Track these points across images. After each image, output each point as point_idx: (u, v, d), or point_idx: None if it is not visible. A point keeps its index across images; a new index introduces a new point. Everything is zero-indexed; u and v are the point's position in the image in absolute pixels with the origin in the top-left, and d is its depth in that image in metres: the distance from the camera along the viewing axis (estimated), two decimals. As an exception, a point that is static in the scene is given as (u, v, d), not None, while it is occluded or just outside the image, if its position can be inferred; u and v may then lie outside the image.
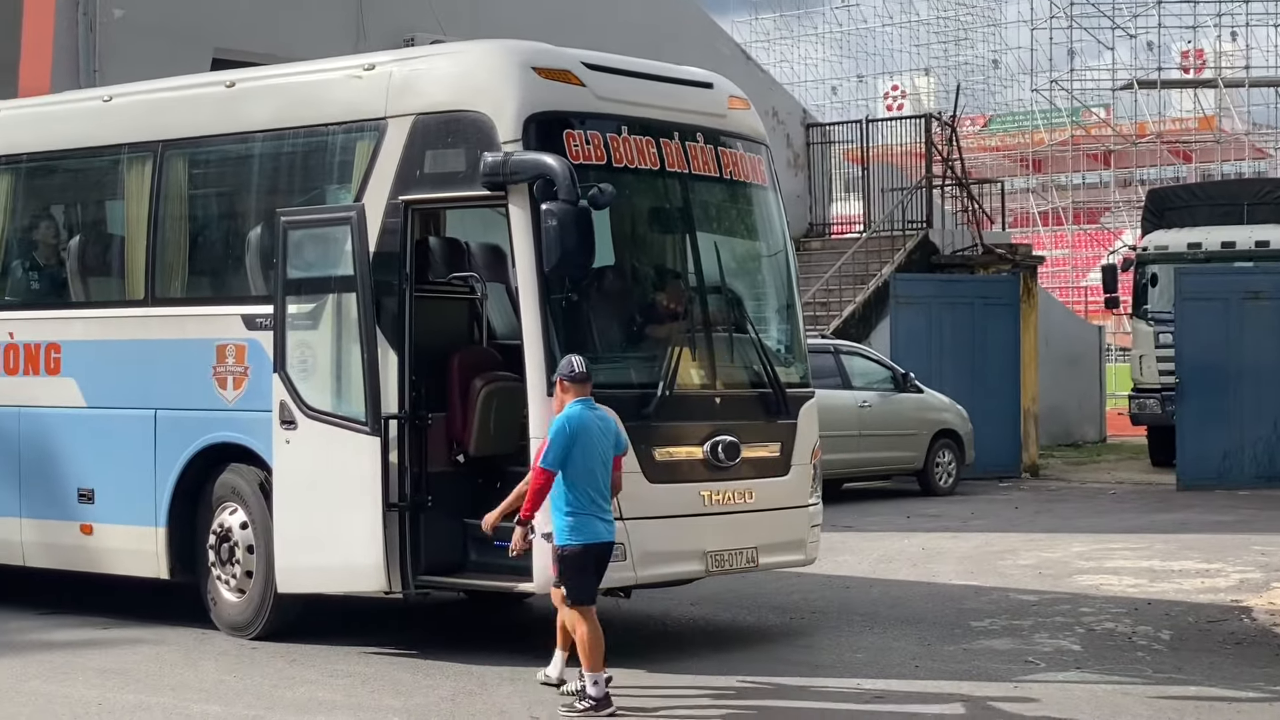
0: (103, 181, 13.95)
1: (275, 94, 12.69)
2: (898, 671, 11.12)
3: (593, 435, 9.92)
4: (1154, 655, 11.77)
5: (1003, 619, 13.19)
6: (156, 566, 12.76)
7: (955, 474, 24.48)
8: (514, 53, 11.48)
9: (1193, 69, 63.71)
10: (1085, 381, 34.37)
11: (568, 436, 9.83)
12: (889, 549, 17.68)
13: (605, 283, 11.71)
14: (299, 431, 11.67)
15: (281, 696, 10.50)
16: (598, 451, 9.93)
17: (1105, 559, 16.84)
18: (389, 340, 11.38)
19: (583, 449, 9.86)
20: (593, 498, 9.91)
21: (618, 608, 13.08)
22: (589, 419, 9.94)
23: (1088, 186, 69.83)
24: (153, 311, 12.96)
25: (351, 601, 12.53)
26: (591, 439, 9.91)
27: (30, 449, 13.56)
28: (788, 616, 13.40)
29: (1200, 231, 28.67)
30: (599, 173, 11.19)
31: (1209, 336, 24.79)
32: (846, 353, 23.87)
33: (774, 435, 12.02)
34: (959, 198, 31.42)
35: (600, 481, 9.95)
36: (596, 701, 9.79)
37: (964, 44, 71.78)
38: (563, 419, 9.93)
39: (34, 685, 10.92)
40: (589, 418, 9.95)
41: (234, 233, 12.91)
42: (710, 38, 31.68)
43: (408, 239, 11.50)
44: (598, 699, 9.80)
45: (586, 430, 9.89)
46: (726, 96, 12.50)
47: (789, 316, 12.81)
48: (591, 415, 9.98)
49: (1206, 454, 24.76)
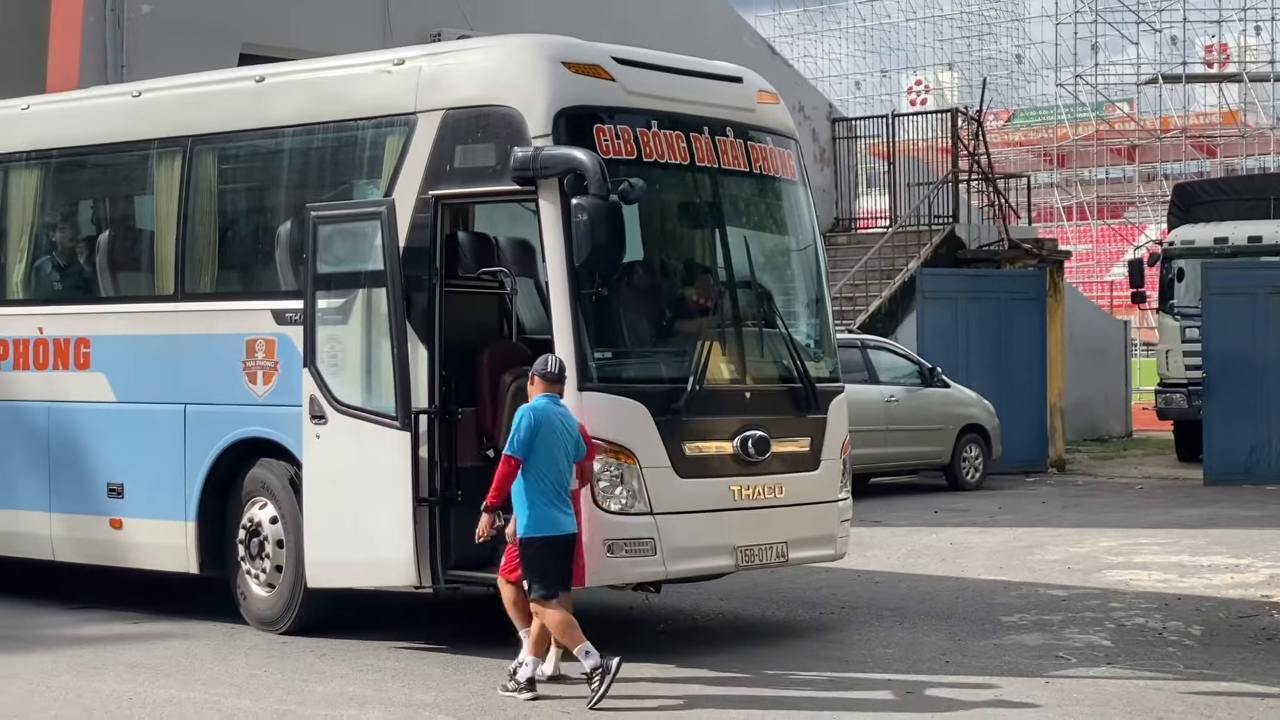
0: (132, 177, 13.97)
1: (305, 89, 12.69)
2: (929, 667, 11.10)
3: (555, 428, 10.11)
4: (1185, 651, 11.73)
5: (1033, 614, 13.16)
6: (186, 561, 12.78)
7: (982, 469, 24.46)
8: (544, 47, 11.46)
9: (1217, 63, 63.48)
10: (1111, 376, 34.30)
11: (531, 425, 10.04)
12: (917, 544, 17.66)
13: (635, 278, 11.70)
14: (329, 426, 11.68)
15: (312, 691, 10.51)
16: (560, 444, 10.12)
17: (1134, 554, 16.80)
18: (419, 335, 11.38)
19: (545, 440, 10.06)
20: (555, 489, 10.09)
21: (647, 602, 13.10)
22: (552, 412, 10.16)
23: (1111, 181, 69.77)
24: (182, 306, 12.97)
25: (381, 595, 12.54)
26: (554, 432, 10.10)
27: (60, 444, 13.59)
28: (817, 611, 13.38)
29: (1227, 226, 28.59)
30: (629, 167, 11.18)
31: (1236, 331, 24.72)
32: (873, 347, 23.85)
33: (804, 430, 12.00)
34: (985, 192, 31.36)
35: (562, 474, 10.14)
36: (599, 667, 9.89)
37: (987, 39, 71.71)
38: (528, 409, 10.18)
39: (65, 680, 10.95)
40: (553, 411, 10.17)
41: (263, 228, 12.92)
42: (735, 32, 31.65)
43: (438, 234, 11.50)
44: (595, 667, 9.91)
45: (549, 422, 10.10)
46: (756, 91, 12.47)
47: (819, 311, 12.78)
48: (555, 410, 10.19)
49: (1233, 449, 24.69)
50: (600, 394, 10.90)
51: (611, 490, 10.86)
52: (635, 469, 10.92)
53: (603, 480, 10.82)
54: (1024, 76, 72.55)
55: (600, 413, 10.84)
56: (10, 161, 14.39)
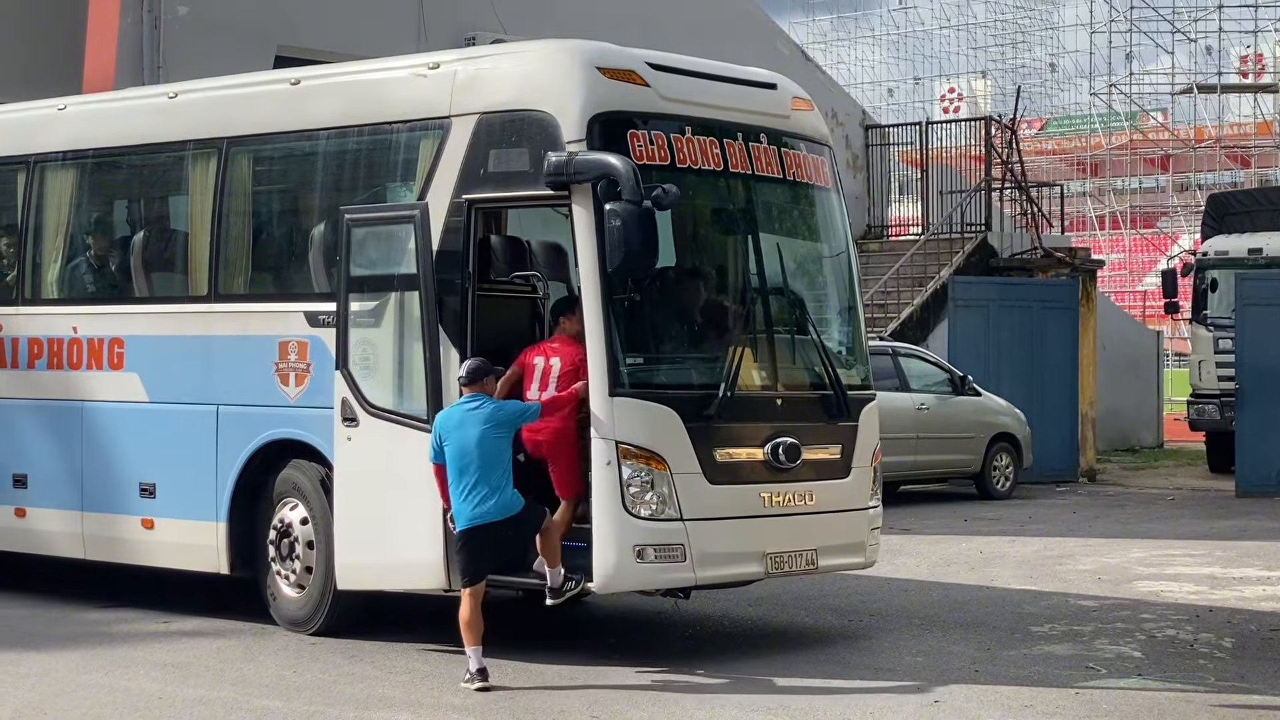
0: (167, 178, 14.01)
1: (340, 92, 12.72)
2: (958, 676, 11.07)
3: (461, 423, 10.62)
4: (1216, 663, 11.68)
5: (1063, 624, 13.12)
6: (216, 562, 12.81)
7: (1013, 478, 24.39)
8: (579, 52, 11.46)
9: (1252, 74, 63.24)
10: (1143, 386, 34.17)
11: (435, 434, 10.76)
12: (947, 552, 17.62)
13: (667, 283, 11.70)
14: (360, 429, 11.71)
15: (341, 692, 10.53)
16: (469, 436, 10.56)
17: (1165, 565, 16.74)
18: (451, 338, 11.40)
19: (453, 441, 10.61)
20: (474, 482, 10.56)
21: (676, 607, 13.08)
22: (453, 413, 10.73)
23: (1145, 191, 69.52)
24: (216, 308, 13.01)
25: (410, 597, 12.55)
26: (462, 428, 10.60)
27: (93, 443, 13.65)
28: (846, 619, 13.36)
29: (1261, 237, 28.48)
30: (662, 173, 11.18)
31: (1270, 342, 24.58)
32: (904, 355, 23.83)
33: (835, 437, 11.99)
34: (1018, 201, 31.28)
35: (480, 464, 10.56)
36: (474, 674, 10.54)
37: (1021, 47, 71.55)
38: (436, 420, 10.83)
39: (96, 678, 10.99)
40: (454, 412, 10.74)
41: (297, 230, 12.95)
42: (770, 37, 31.63)
43: (471, 237, 11.52)
44: (475, 671, 10.54)
45: (449, 422, 10.69)
46: (790, 97, 12.46)
47: (851, 318, 12.77)
48: (457, 408, 10.74)
49: (1266, 460, 24.57)
50: (632, 399, 10.91)
51: (642, 496, 10.87)
52: (666, 475, 10.92)
53: (633, 486, 10.84)
54: (1058, 85, 72.43)
55: (631, 418, 10.86)
56: (47, 161, 14.45)
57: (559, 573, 10.96)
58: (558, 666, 11.14)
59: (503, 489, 10.58)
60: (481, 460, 10.53)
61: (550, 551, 10.92)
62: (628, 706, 10.07)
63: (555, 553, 10.94)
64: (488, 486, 10.54)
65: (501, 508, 10.55)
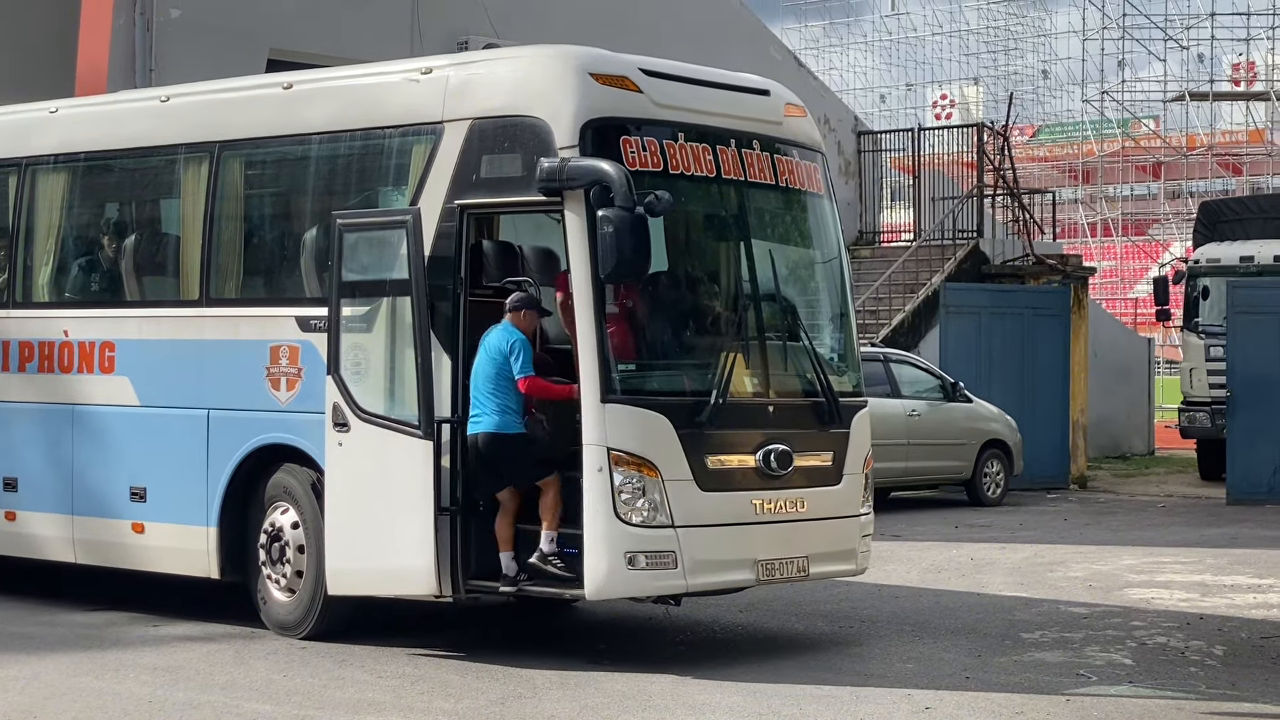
0: (159, 181, 13.99)
1: (332, 96, 12.72)
2: (949, 682, 11.07)
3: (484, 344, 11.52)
4: (1207, 671, 11.69)
5: (1054, 631, 13.13)
6: (207, 566, 12.80)
7: (1004, 484, 24.39)
8: (572, 58, 11.46)
9: (1244, 81, 63.39)
10: (1134, 394, 34.19)
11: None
12: (938, 559, 17.63)
13: (659, 290, 11.70)
14: (352, 434, 11.70)
15: (331, 696, 10.52)
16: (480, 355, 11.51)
17: (1156, 572, 16.75)
18: (443, 344, 11.40)
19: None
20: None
21: (667, 614, 13.08)
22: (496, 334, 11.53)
23: (1136, 198, 69.65)
24: (207, 312, 13.00)
25: (400, 602, 12.54)
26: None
27: (83, 447, 13.63)
28: (837, 625, 13.36)
29: (1253, 245, 28.51)
30: (655, 179, 11.18)
31: (1261, 350, 24.63)
32: (896, 361, 23.81)
33: (826, 444, 11.99)
34: (1009, 207, 31.31)
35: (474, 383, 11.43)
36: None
37: (1013, 54, 71.71)
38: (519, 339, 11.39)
39: (85, 682, 10.97)
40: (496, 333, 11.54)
41: (289, 234, 12.94)
42: (762, 43, 31.62)
43: (463, 243, 11.52)
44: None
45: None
46: (783, 104, 12.46)
47: (843, 325, 12.76)
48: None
49: (1257, 468, 24.61)
50: (623, 406, 10.91)
51: (633, 502, 10.87)
52: (657, 481, 10.92)
53: (625, 492, 10.84)
54: (1050, 92, 72.55)
55: (623, 425, 10.86)
56: (38, 164, 14.42)
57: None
58: (548, 671, 11.14)
59: (478, 418, 11.28)
60: (474, 380, 11.26)
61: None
62: (618, 712, 10.06)
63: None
64: (476, 406, 11.26)
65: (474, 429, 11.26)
